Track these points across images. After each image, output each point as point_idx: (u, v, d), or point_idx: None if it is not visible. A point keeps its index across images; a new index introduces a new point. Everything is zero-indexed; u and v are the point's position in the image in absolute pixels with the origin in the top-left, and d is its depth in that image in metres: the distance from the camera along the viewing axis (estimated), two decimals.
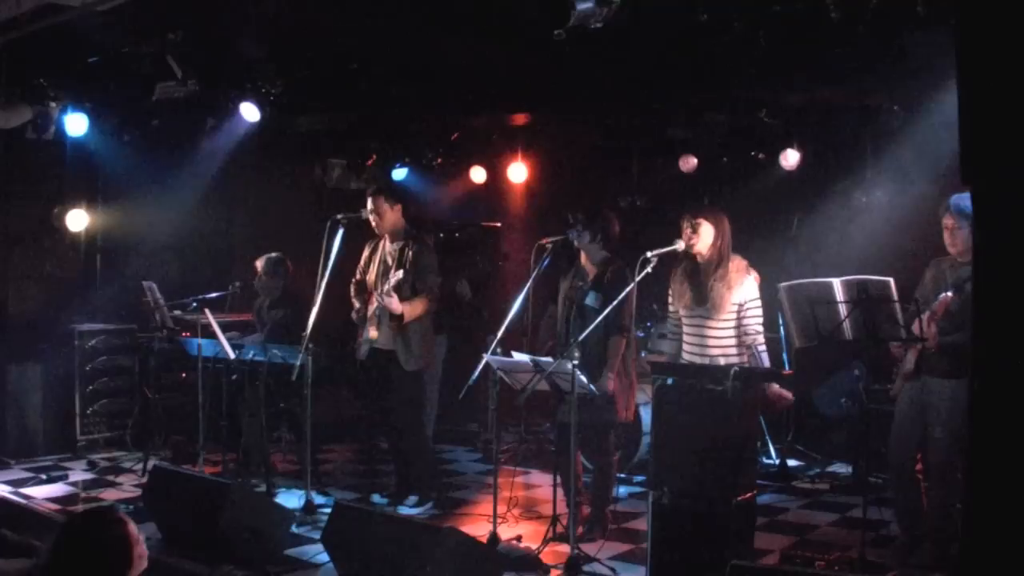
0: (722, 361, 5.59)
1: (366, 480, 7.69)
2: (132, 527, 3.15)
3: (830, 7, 4.94)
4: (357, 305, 6.71)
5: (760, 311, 5.69)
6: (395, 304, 6.41)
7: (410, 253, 6.59)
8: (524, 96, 8.19)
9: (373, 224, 6.68)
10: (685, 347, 5.85)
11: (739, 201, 8.33)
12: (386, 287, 6.40)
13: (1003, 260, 2.66)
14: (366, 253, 6.87)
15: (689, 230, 5.68)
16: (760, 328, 5.67)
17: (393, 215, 6.66)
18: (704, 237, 5.68)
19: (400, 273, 6.44)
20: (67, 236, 8.88)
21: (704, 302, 5.68)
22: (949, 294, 5.16)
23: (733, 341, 5.66)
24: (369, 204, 6.65)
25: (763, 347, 5.65)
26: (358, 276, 6.84)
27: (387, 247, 6.74)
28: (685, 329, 5.84)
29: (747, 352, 5.66)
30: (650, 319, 8.19)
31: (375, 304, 6.54)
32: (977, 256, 2.81)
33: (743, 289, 5.66)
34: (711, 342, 5.68)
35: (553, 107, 8.53)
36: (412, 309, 6.50)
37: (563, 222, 6.14)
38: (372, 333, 6.64)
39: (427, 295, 6.57)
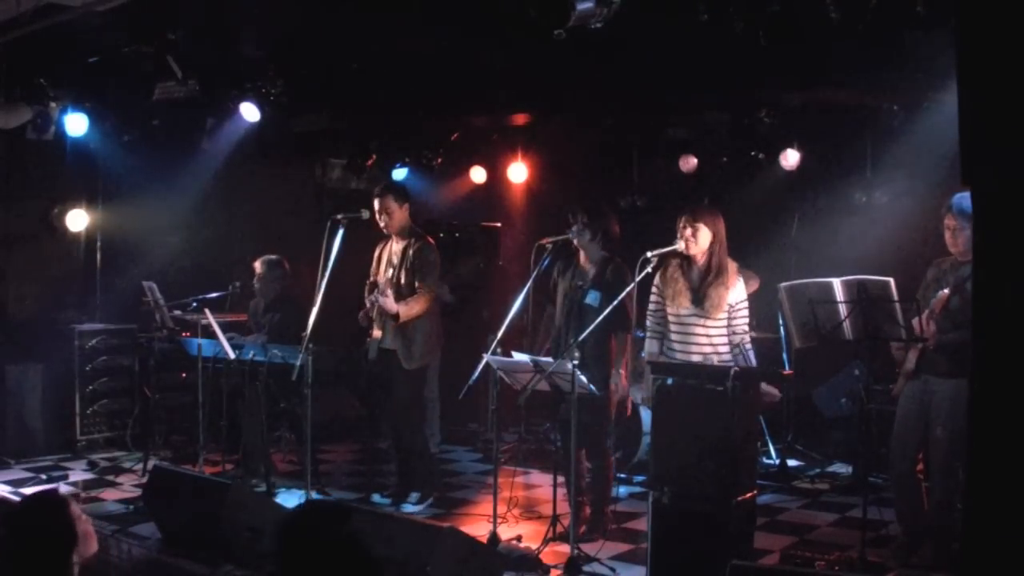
0: (715, 360, 5.63)
1: (366, 480, 7.68)
2: (74, 507, 3.22)
3: (830, 7, 4.94)
4: (368, 306, 6.72)
5: (748, 311, 5.80)
6: (390, 303, 6.43)
7: (411, 252, 6.62)
8: (524, 96, 8.19)
9: (382, 225, 6.68)
10: (673, 345, 5.85)
11: (739, 201, 8.33)
12: (380, 286, 6.43)
13: (1003, 260, 2.66)
14: (376, 253, 6.88)
15: (688, 231, 5.67)
16: (747, 327, 5.77)
17: (402, 214, 6.67)
18: (702, 241, 5.68)
19: (390, 271, 6.43)
20: (67, 236, 8.88)
21: (702, 303, 5.69)
22: (945, 291, 5.16)
23: (723, 340, 5.73)
24: (376, 204, 6.63)
25: (750, 345, 5.76)
26: (371, 277, 6.85)
27: (394, 247, 6.75)
28: (673, 327, 5.84)
29: (735, 350, 5.71)
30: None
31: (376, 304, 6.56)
32: (977, 256, 2.81)
33: (736, 290, 5.74)
34: (702, 340, 5.71)
35: (553, 107, 8.53)
36: (409, 308, 6.51)
37: (564, 221, 6.14)
38: (376, 333, 6.65)
39: (427, 294, 6.58)
